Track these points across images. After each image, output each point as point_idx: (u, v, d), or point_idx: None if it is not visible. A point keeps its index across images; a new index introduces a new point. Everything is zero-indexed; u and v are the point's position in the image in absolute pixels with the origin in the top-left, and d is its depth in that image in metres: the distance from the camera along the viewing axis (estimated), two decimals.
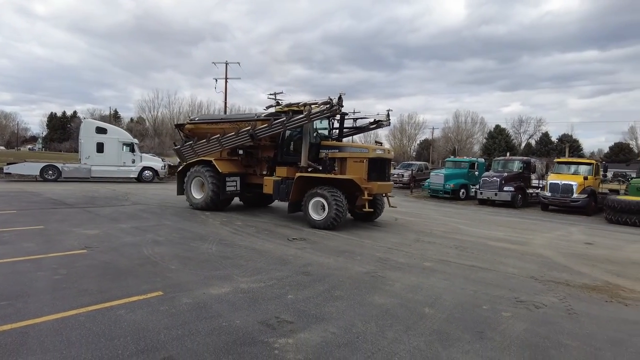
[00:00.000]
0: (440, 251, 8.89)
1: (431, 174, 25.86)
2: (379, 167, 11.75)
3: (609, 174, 29.60)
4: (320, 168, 11.58)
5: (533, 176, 24.23)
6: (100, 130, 23.97)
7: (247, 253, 7.73)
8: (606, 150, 79.51)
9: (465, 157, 32.64)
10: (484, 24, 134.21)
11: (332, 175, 11.28)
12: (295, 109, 11.88)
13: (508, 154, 32.92)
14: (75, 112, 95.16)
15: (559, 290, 6.37)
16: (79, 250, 7.29)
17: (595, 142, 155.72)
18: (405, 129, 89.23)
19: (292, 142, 12.51)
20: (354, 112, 14.46)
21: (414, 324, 4.70)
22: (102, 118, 77.42)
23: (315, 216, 11.06)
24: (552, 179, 19.87)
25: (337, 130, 13.48)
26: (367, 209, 11.22)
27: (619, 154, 73.45)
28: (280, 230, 10.53)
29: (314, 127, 12.31)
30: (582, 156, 51.09)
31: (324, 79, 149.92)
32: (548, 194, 19.42)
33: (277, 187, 12.05)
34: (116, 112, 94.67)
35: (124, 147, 24.43)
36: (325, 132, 13.22)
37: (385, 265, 7.41)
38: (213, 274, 6.25)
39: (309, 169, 11.76)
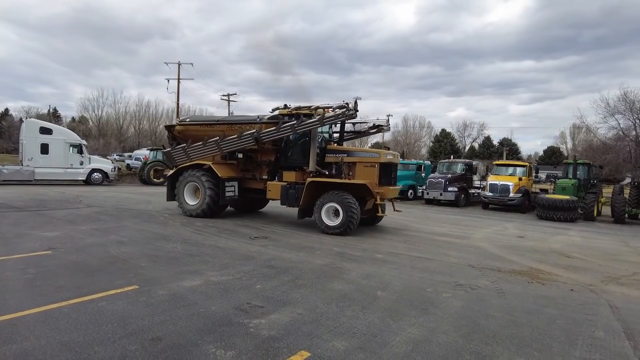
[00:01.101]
0: (391, 245, 9.76)
1: None
2: (388, 171, 11.75)
3: (543, 175, 32.49)
4: (327, 172, 11.61)
5: (475, 177, 26.17)
6: (45, 131, 22.95)
7: (213, 251, 8.14)
8: (541, 153, 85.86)
9: (413, 160, 34.37)
10: (432, 31, 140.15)
11: (348, 180, 11.16)
12: (307, 112, 11.76)
13: (452, 156, 35.07)
14: (7, 110, 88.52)
15: (492, 275, 7.38)
16: (43, 251, 7.37)
17: (532, 145, 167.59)
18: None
19: (296, 146, 12.24)
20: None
21: (368, 304, 5.41)
22: (40, 116, 72.69)
23: (328, 222, 10.87)
24: (491, 179, 21.70)
25: (337, 135, 13.19)
26: (380, 214, 11.70)
27: (552, 156, 79.67)
28: (242, 229, 10.96)
29: (320, 130, 12.11)
30: (519, 159, 55.11)
31: (277, 81, 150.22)
32: (488, 193, 21.18)
33: (285, 193, 11.60)
34: (55, 110, 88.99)
35: (71, 148, 23.55)
36: (326, 136, 12.90)
37: (343, 258, 8.12)
38: (183, 269, 6.64)
39: (316, 174, 11.65)
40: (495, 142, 78.85)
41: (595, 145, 43.04)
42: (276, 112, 12.49)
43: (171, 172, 13.54)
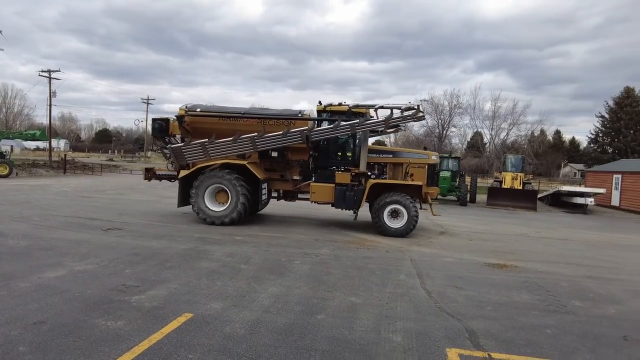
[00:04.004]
0: (249, 228, 10.78)
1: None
2: (433, 172, 11.85)
3: None
4: (370, 173, 11.48)
5: None
6: None
7: (66, 244, 7.86)
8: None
9: None
10: (278, 23, 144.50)
11: (409, 182, 11.05)
12: (363, 110, 11.35)
13: None
14: None
15: (331, 245, 9.10)
16: None
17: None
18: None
19: (340, 146, 11.82)
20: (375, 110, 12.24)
21: (235, 275, 6.37)
22: None
23: (390, 224, 10.66)
24: None
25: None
26: (434, 214, 11.53)
27: None
28: (90, 223, 10.49)
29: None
30: None
31: (110, 58, 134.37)
32: None
33: (341, 195, 11.01)
34: None
35: None
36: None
37: (205, 242, 8.80)
38: (39, 263, 6.44)
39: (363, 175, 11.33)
40: None
41: (411, 140, 51.87)
42: (306, 109, 11.75)
43: (186, 172, 11.42)
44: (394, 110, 10.83)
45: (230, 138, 10.80)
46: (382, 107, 11.46)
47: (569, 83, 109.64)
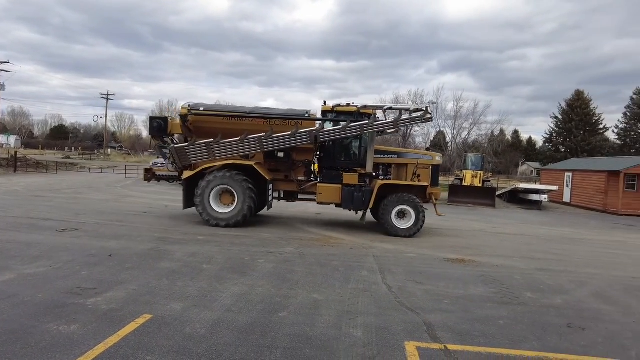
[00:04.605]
0: (211, 228, 10.61)
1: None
2: (436, 173, 12.05)
3: None
4: (374, 174, 11.48)
5: None
6: None
7: (15, 246, 7.47)
8: None
9: None
10: (244, 19, 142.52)
11: (416, 183, 11.12)
12: (370, 111, 11.31)
13: None
14: None
15: (295, 243, 9.12)
16: None
17: None
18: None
19: (347, 146, 11.75)
20: (384, 111, 12.59)
21: (197, 275, 6.27)
22: None
23: (399, 224, 10.75)
24: None
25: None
26: (438, 214, 11.69)
27: None
28: (41, 223, 10.02)
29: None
30: None
31: (66, 50, 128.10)
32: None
33: (349, 196, 10.99)
34: None
35: None
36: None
37: (166, 242, 8.60)
38: None
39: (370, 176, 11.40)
40: None
41: (377, 139, 52.55)
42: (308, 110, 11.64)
43: (191, 173, 11.03)
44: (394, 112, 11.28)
45: (237, 138, 10.62)
46: (391, 109, 11.62)
47: (527, 85, 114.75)
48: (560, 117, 63.49)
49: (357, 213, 12.31)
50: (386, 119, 11.62)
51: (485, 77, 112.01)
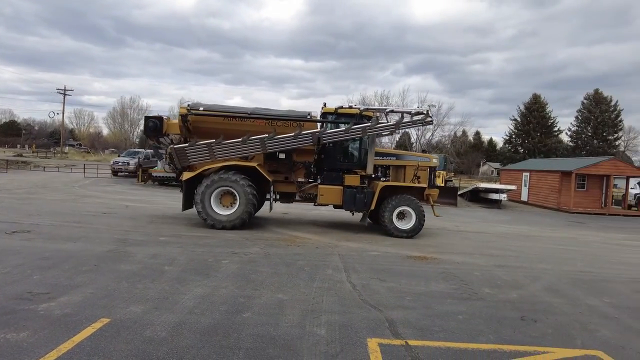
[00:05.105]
0: (174, 228, 10.39)
1: (159, 162, 26.51)
2: (433, 174, 12.23)
3: None
4: (373, 175, 11.61)
5: None
6: None
7: None
8: None
9: None
10: (211, 15, 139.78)
11: (416, 184, 11.36)
12: (370, 114, 11.49)
13: None
14: None
15: (261, 243, 9.06)
16: None
17: None
18: (127, 112, 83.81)
19: (347, 148, 11.92)
20: (386, 114, 12.72)
21: (158, 277, 6.11)
22: None
23: (400, 225, 10.94)
24: None
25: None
26: (436, 215, 11.90)
27: None
28: None
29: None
30: None
31: (18, 41, 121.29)
32: None
33: (351, 197, 11.06)
34: None
35: None
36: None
37: (126, 243, 8.33)
38: None
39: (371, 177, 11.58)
40: None
41: None
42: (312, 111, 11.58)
43: (191, 174, 10.76)
44: (385, 115, 11.75)
45: (240, 139, 10.54)
46: (392, 112, 11.88)
47: (488, 88, 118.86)
48: (519, 119, 66.27)
49: (353, 214, 12.65)
50: (388, 121, 11.93)
51: (449, 80, 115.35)
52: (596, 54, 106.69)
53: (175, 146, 10.96)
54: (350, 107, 11.93)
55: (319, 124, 11.69)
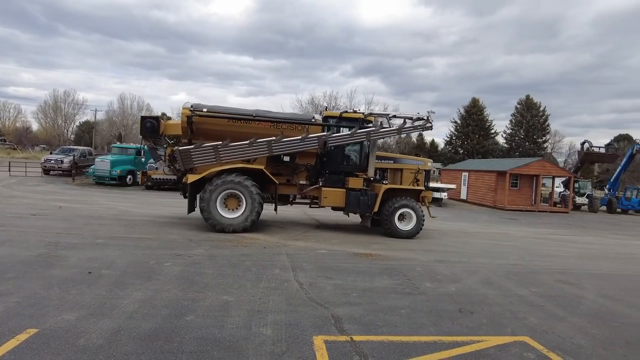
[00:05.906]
0: (111, 230, 9.85)
1: (96, 160, 25.04)
2: (428, 177, 12.59)
3: None
4: (372, 178, 11.79)
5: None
6: None
7: None
8: None
9: (132, 144, 32.93)
10: (155, 7, 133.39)
11: (415, 187, 11.80)
12: (372, 118, 12.02)
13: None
14: None
15: (206, 245, 8.84)
16: None
17: None
18: (61, 107, 78.10)
19: (348, 151, 12.15)
20: (389, 118, 12.88)
21: (94, 282, 5.77)
22: None
23: (401, 227, 11.31)
24: None
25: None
26: (431, 217, 12.39)
27: None
28: None
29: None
30: None
31: None
32: None
33: (355, 200, 11.25)
34: None
35: None
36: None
37: (58, 247, 7.77)
38: None
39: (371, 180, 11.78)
40: None
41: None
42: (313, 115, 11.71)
43: (196, 177, 10.44)
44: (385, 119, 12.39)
45: (247, 141, 10.48)
46: (395, 117, 12.43)
47: (432, 91, 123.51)
48: (459, 122, 69.64)
49: (348, 215, 13.19)
50: (390, 126, 12.36)
51: (394, 82, 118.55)
52: (528, 63, 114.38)
53: (180, 148, 10.60)
54: (355, 111, 12.55)
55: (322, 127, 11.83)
